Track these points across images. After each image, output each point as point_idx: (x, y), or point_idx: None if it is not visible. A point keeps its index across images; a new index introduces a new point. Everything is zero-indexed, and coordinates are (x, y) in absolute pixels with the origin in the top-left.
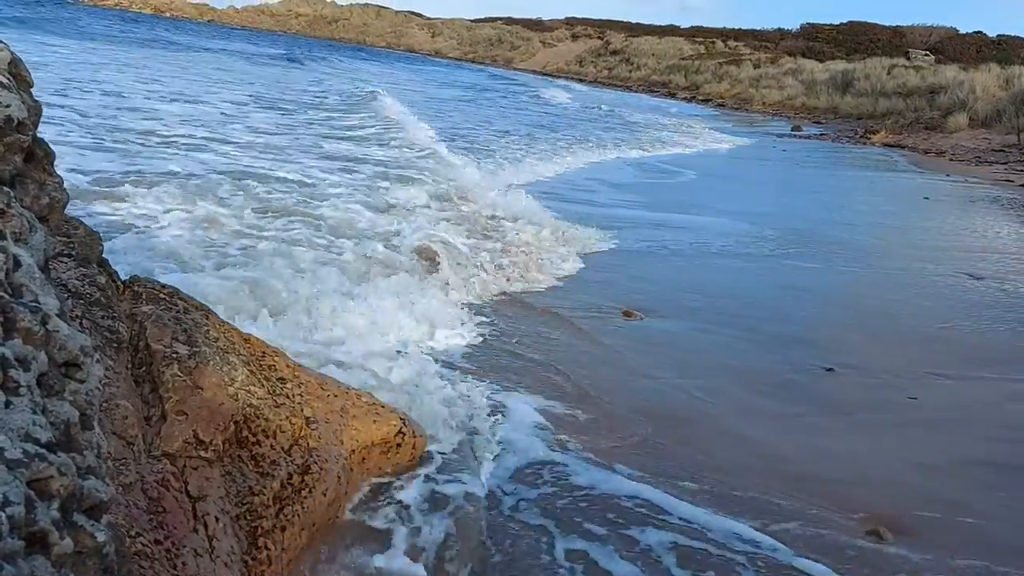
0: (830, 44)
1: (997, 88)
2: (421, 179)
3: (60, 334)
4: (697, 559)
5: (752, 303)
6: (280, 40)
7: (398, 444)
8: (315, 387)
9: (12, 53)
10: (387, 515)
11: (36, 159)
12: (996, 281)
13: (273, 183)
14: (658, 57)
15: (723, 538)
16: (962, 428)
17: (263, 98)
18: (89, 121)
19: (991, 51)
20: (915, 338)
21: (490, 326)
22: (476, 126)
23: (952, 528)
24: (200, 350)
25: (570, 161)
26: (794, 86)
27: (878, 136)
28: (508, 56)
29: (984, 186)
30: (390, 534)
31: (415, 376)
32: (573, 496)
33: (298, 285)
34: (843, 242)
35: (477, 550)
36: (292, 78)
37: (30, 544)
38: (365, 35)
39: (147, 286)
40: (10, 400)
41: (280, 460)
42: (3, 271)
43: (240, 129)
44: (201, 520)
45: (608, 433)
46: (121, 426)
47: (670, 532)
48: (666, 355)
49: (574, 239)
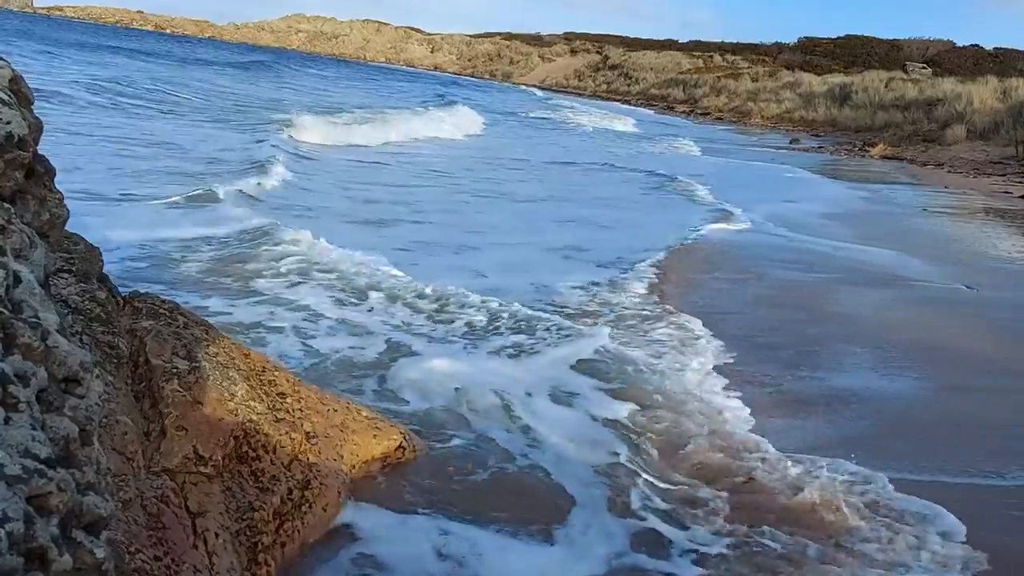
0: (828, 57)
1: (995, 100)
2: None
3: (60, 350)
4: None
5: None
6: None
7: (399, 459)
8: (315, 401)
9: (13, 70)
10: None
11: (37, 175)
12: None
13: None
14: (656, 71)
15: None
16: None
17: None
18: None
19: (988, 64)
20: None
21: None
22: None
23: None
24: (200, 365)
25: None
26: (792, 99)
27: (876, 149)
28: (507, 71)
29: (983, 198)
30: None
31: None
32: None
33: None
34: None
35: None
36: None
37: (29, 560)
38: (365, 51)
39: (147, 301)
40: (9, 416)
41: (280, 475)
42: (3, 287)
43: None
44: (201, 536)
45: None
46: (121, 442)
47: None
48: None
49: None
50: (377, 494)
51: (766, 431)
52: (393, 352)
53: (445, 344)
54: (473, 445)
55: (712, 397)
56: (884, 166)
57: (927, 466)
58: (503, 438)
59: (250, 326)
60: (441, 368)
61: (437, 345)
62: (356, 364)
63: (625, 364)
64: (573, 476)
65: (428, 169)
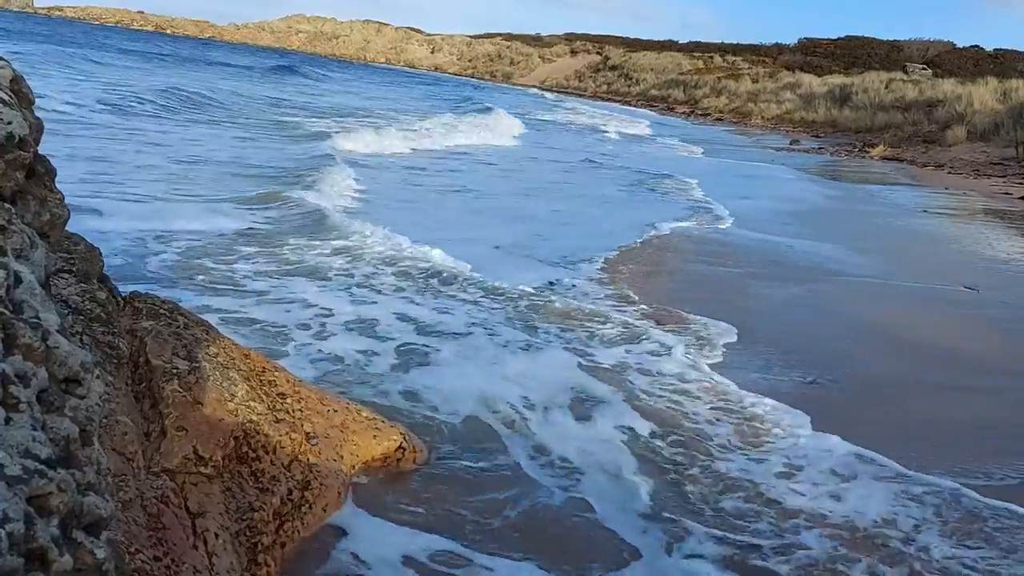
0: (828, 58)
1: (995, 101)
2: None
3: (60, 350)
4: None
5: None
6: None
7: (398, 459)
8: (315, 402)
9: (14, 70)
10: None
11: (37, 176)
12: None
13: None
14: (657, 72)
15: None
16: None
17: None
18: None
19: (988, 65)
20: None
21: None
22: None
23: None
24: (200, 365)
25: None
26: (792, 100)
27: (876, 150)
28: (507, 71)
29: (983, 199)
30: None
31: None
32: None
33: None
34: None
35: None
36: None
37: (29, 561)
38: (365, 51)
39: (147, 302)
40: (10, 416)
41: (280, 476)
42: (4, 287)
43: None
44: (201, 536)
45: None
46: (121, 442)
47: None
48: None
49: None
50: (377, 495)
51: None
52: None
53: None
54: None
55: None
56: (884, 167)
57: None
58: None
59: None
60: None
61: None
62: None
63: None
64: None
65: (495, 173)
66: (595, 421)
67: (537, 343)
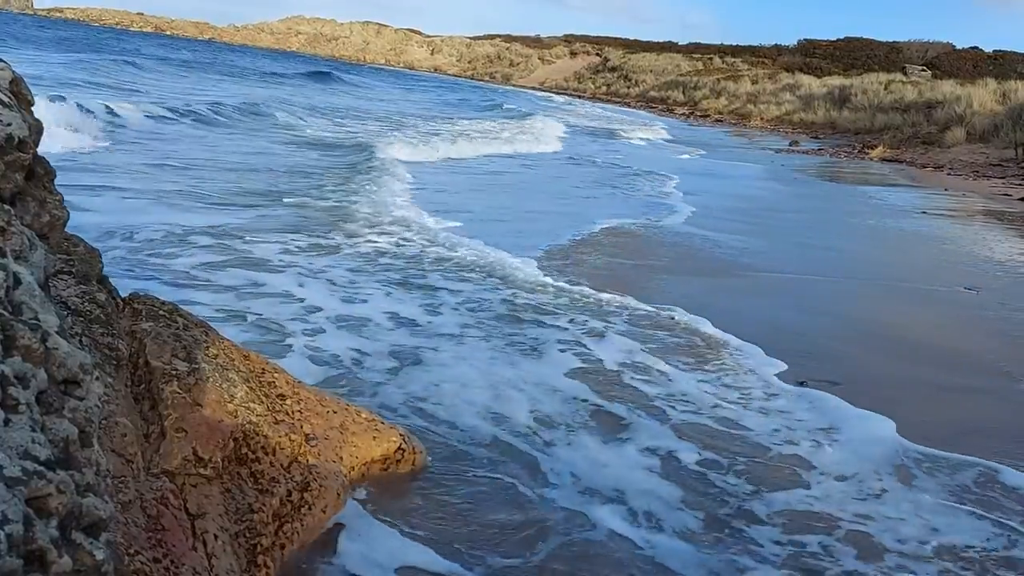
0: (827, 60)
1: (994, 103)
2: None
3: (60, 351)
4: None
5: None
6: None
7: (398, 461)
8: (315, 403)
9: (13, 72)
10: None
11: (37, 177)
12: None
13: None
14: (656, 73)
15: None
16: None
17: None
18: None
19: (987, 66)
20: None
21: None
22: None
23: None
24: (199, 367)
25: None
26: (792, 101)
27: (876, 151)
28: (507, 72)
29: (982, 200)
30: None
31: None
32: None
33: None
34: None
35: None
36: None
37: (28, 562)
38: (365, 53)
39: (147, 303)
40: (9, 418)
41: (279, 477)
42: (3, 289)
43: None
44: (200, 538)
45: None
46: (120, 443)
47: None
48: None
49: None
50: (377, 496)
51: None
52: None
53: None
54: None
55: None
56: (883, 168)
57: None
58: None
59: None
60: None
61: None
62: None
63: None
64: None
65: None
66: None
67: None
